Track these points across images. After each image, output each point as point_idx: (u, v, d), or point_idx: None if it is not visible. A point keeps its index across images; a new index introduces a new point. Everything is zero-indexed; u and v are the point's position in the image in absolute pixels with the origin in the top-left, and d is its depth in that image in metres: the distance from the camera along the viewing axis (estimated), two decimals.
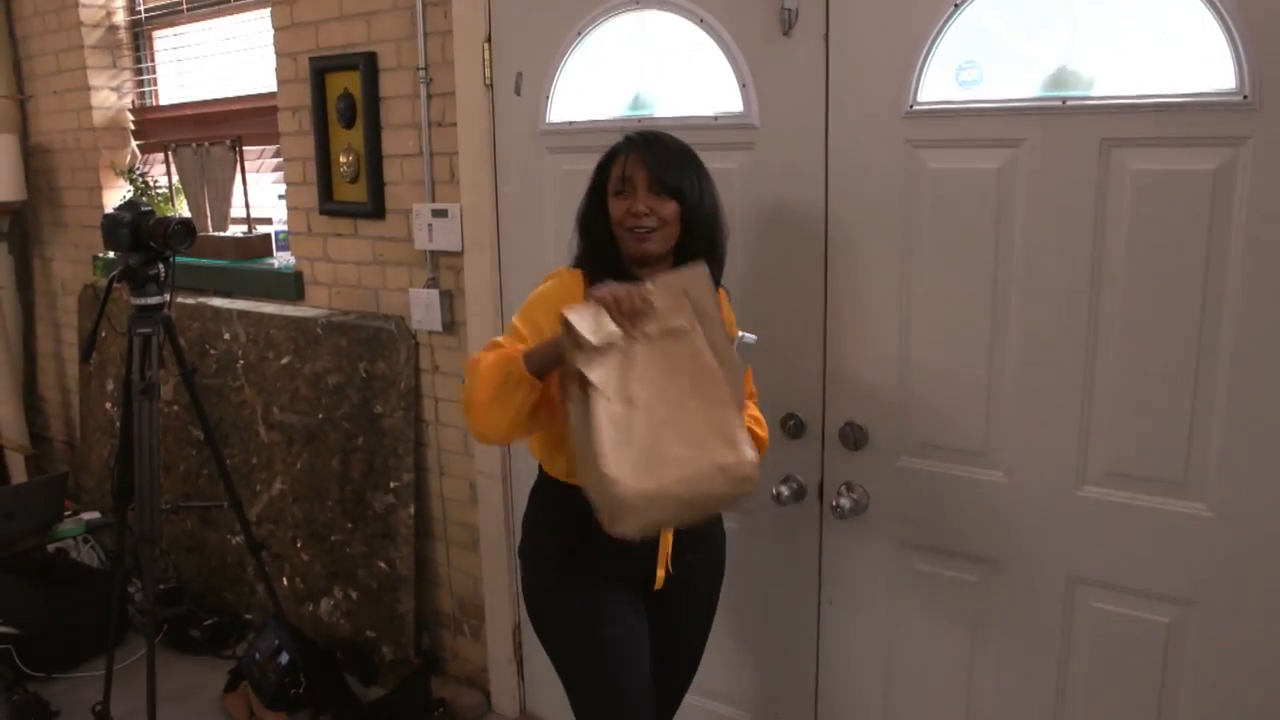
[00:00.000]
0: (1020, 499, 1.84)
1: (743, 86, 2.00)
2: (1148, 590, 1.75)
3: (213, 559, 3.41)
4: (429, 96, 2.55)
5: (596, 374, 1.41)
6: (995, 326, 1.81)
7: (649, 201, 1.61)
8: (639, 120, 2.17)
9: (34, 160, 4.00)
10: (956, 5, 1.73)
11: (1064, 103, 1.67)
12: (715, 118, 2.06)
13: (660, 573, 1.73)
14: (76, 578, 3.30)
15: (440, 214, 2.54)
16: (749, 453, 1.46)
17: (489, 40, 2.39)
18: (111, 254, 3.27)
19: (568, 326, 1.41)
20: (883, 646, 2.05)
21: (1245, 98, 1.53)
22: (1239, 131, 1.55)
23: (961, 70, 1.77)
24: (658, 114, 2.15)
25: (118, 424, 3.73)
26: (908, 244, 1.87)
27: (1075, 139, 1.67)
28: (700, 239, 1.66)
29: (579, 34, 2.22)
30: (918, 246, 1.86)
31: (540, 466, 1.78)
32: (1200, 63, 1.56)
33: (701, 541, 1.80)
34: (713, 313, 1.48)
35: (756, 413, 1.77)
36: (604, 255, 1.68)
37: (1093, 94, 1.65)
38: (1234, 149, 1.56)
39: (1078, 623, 1.83)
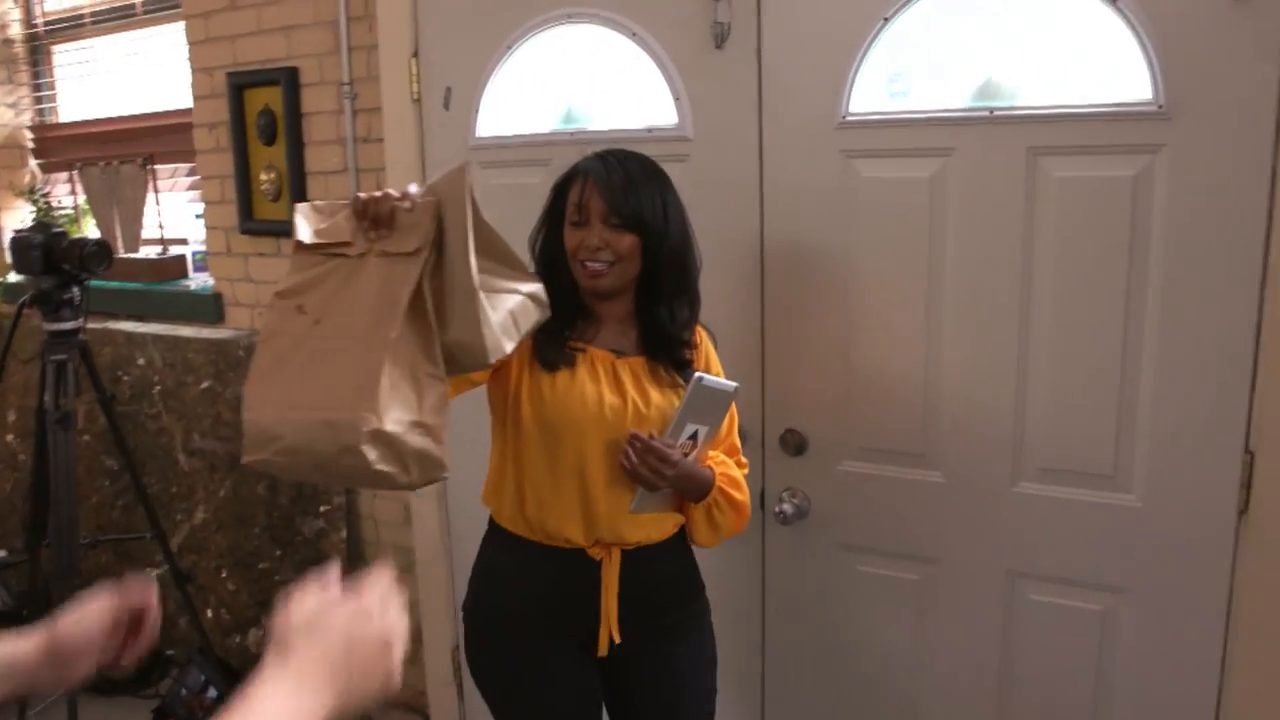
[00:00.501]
0: (959, 498, 1.89)
1: (676, 100, 2.02)
2: (1082, 580, 1.81)
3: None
4: (354, 112, 2.51)
5: (294, 278, 1.25)
6: (930, 331, 1.86)
7: (604, 235, 1.53)
8: (571, 134, 2.17)
9: None
10: (886, 19, 1.78)
11: (991, 113, 1.73)
12: (649, 130, 2.07)
13: (603, 635, 1.60)
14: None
15: None
16: (372, 419, 1.16)
17: (416, 55, 2.36)
18: (16, 277, 3.12)
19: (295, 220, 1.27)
20: (829, 648, 2.08)
21: (1160, 107, 1.61)
22: (1155, 139, 1.63)
23: (892, 81, 1.82)
24: (590, 127, 2.16)
25: (21, 456, 3.57)
26: (843, 252, 1.91)
27: (1003, 148, 1.74)
28: (666, 272, 1.58)
29: (509, 48, 2.21)
30: (853, 254, 1.90)
31: (490, 516, 1.70)
32: (1119, 74, 1.64)
33: (661, 612, 1.66)
34: (459, 239, 1.22)
35: (735, 472, 1.67)
36: (558, 284, 1.56)
37: (1018, 104, 1.72)
38: (1151, 156, 1.64)
39: (1017, 615, 1.88)
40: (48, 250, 2.26)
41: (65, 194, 3.55)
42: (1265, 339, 1.60)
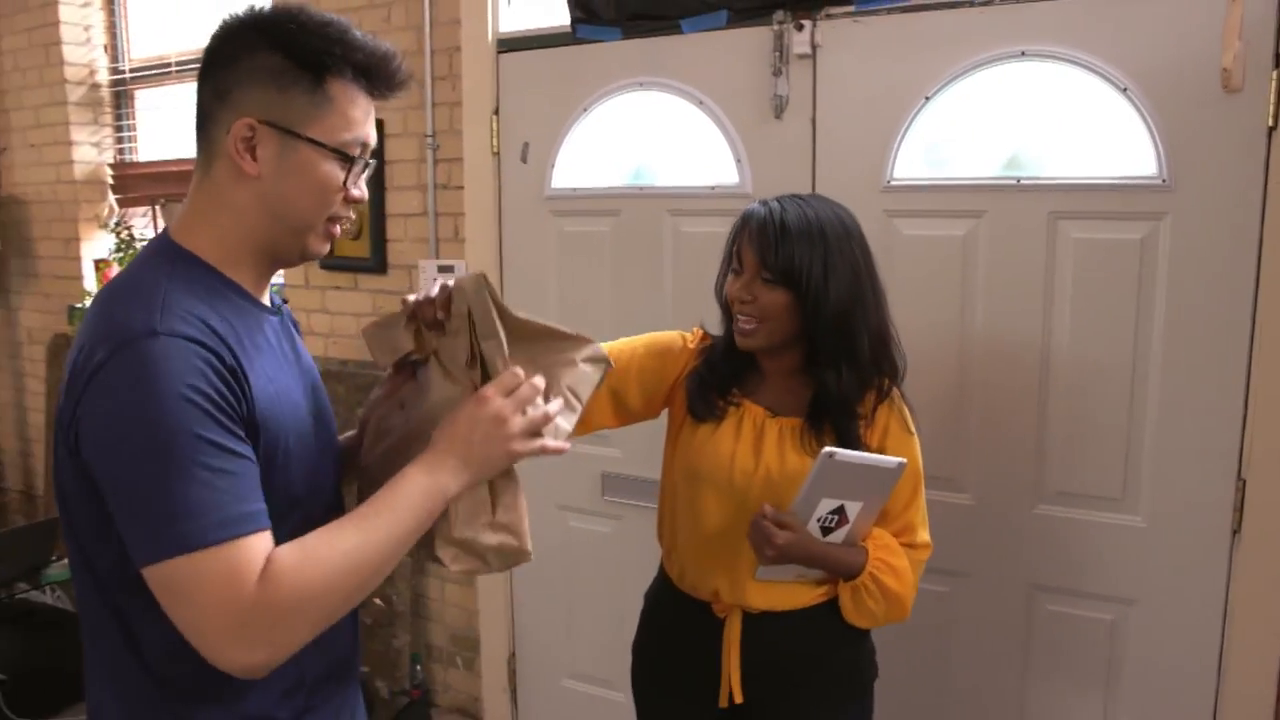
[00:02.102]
0: (986, 518, 2.13)
1: (738, 161, 2.29)
2: (1094, 593, 2.05)
3: None
4: (435, 161, 2.78)
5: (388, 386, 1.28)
6: (961, 370, 2.11)
7: (754, 288, 1.46)
8: (639, 189, 2.44)
9: (4, 212, 4.06)
10: (927, 97, 2.06)
11: (1018, 182, 2.00)
12: (712, 188, 2.33)
13: (723, 690, 1.56)
14: (60, 623, 3.33)
15: (446, 269, 2.75)
16: (444, 526, 1.14)
17: (496, 112, 2.63)
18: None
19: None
20: None
21: (1164, 181, 1.88)
22: (1159, 208, 1.90)
23: (931, 152, 2.09)
24: (657, 183, 2.42)
25: None
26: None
27: (1027, 212, 2.00)
28: (825, 335, 1.46)
29: (585, 109, 2.48)
30: (893, 300, 2.14)
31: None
32: (1128, 152, 1.91)
33: (791, 681, 1.56)
34: (494, 349, 1.15)
35: (897, 560, 1.51)
36: (729, 331, 1.55)
37: (1042, 175, 1.99)
38: (1155, 222, 1.91)
39: (1036, 624, 2.12)
40: None
41: (142, 226, 3.81)
42: (1255, 381, 1.86)
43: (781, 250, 1.43)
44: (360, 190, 1.11)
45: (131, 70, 3.80)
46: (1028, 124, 2.00)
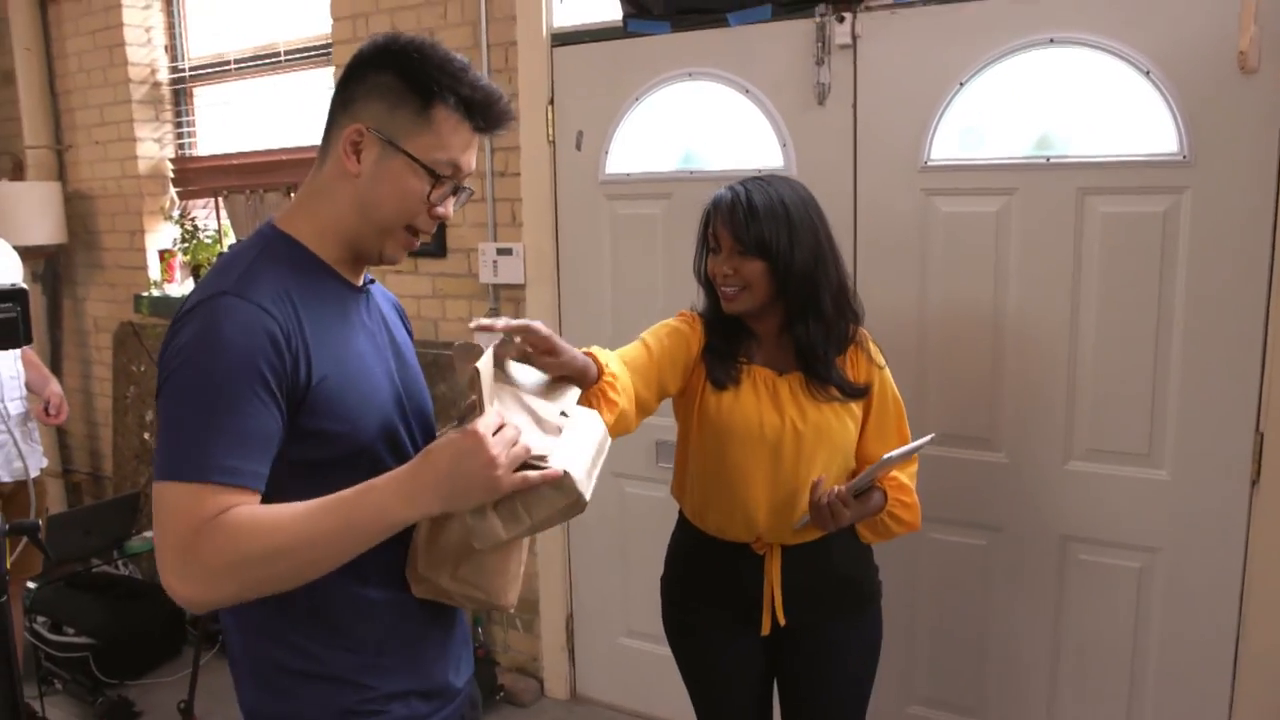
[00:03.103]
0: (1020, 475, 2.29)
1: (783, 145, 2.45)
2: (1122, 542, 2.21)
3: None
4: (493, 150, 2.95)
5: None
6: (995, 336, 2.26)
7: (732, 262, 1.66)
8: (689, 173, 2.60)
9: (71, 206, 4.26)
10: (961, 83, 2.21)
11: (1048, 160, 2.15)
12: (758, 171, 2.49)
13: (766, 618, 1.76)
14: (140, 593, 3.54)
15: (505, 252, 2.93)
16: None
17: (552, 103, 2.80)
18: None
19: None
20: (907, 605, 2.47)
21: (1184, 157, 2.03)
22: (1180, 183, 2.05)
23: (965, 134, 2.24)
24: (705, 167, 2.58)
25: None
26: (923, 273, 2.32)
27: (1057, 188, 2.15)
28: (796, 294, 1.67)
29: (636, 98, 2.65)
30: (930, 272, 2.32)
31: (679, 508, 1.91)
32: (1151, 131, 2.06)
33: (826, 598, 1.79)
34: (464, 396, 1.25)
35: (905, 480, 1.76)
36: (715, 305, 1.75)
37: (1070, 154, 2.13)
38: (1177, 196, 2.05)
39: (1068, 572, 2.28)
40: None
41: (204, 218, 4.00)
42: (1271, 340, 2.01)
43: (752, 226, 1.64)
44: (446, 209, 1.24)
45: (190, 69, 3.99)
46: (1056, 106, 2.14)
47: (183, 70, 4.01)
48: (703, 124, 2.59)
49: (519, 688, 3.13)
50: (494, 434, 1.07)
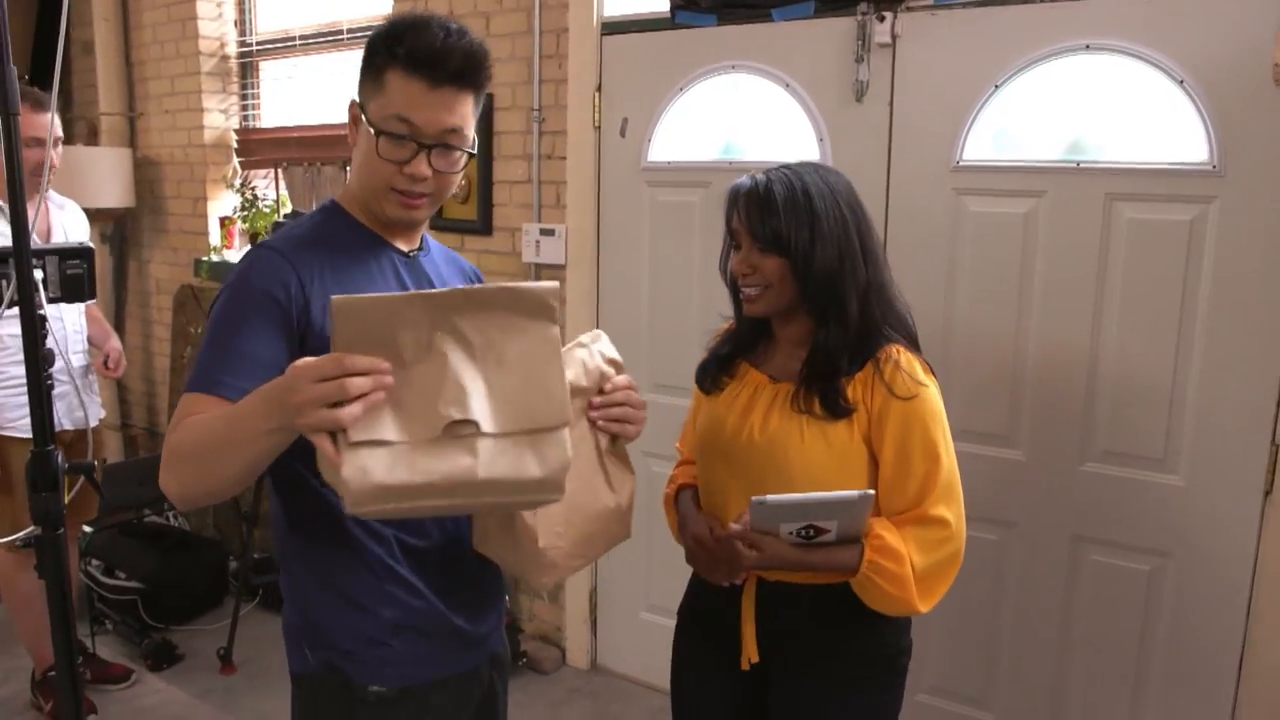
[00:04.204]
0: (1035, 473, 2.33)
1: (820, 140, 2.51)
2: (1134, 545, 2.24)
3: None
4: (540, 134, 3.04)
5: None
6: (1018, 335, 2.30)
7: (751, 259, 1.49)
8: (729, 163, 2.67)
9: (139, 171, 4.44)
10: (996, 86, 2.25)
11: (1078, 165, 2.18)
12: None
13: (743, 654, 1.57)
14: (187, 543, 3.72)
15: (548, 233, 3.02)
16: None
17: (599, 89, 2.88)
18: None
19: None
20: None
21: (1214, 167, 2.05)
22: (1209, 192, 2.07)
23: (998, 136, 2.28)
24: (744, 158, 2.65)
25: None
26: (950, 271, 2.37)
27: (1085, 193, 2.18)
28: (816, 295, 1.48)
29: (681, 89, 2.72)
30: (959, 273, 2.36)
31: None
32: (1182, 139, 2.08)
33: (807, 650, 1.55)
34: None
35: (893, 542, 1.45)
36: (739, 306, 1.59)
37: (1100, 159, 2.16)
38: (1205, 205, 2.08)
39: (1079, 572, 2.31)
40: None
41: (264, 187, 4.16)
42: None
43: (769, 219, 1.46)
44: (416, 167, 1.27)
45: (258, 44, 4.13)
46: (1089, 111, 2.17)
47: (250, 45, 4.16)
48: (743, 116, 2.65)
49: (541, 655, 3.24)
50: (319, 378, 0.99)
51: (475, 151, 1.35)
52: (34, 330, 1.46)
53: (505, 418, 1.08)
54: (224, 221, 4.17)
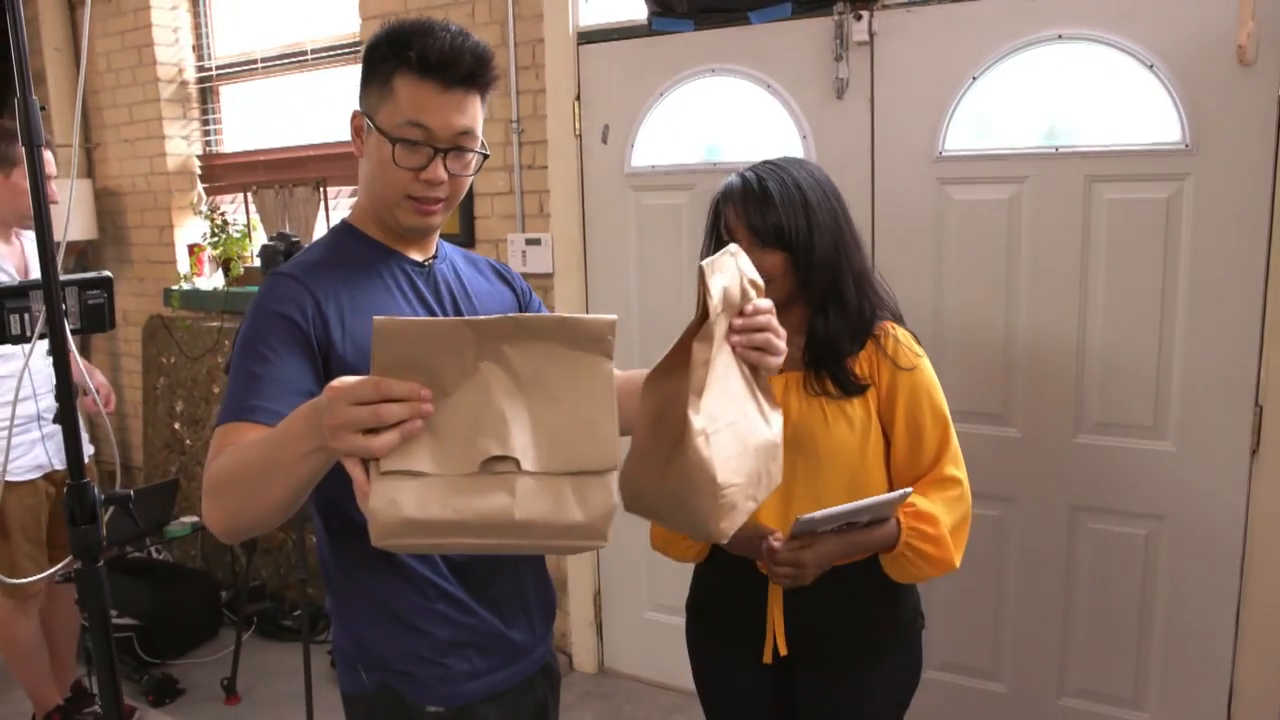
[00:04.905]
0: (1031, 448, 2.41)
1: (803, 138, 2.57)
2: (1129, 510, 2.33)
3: (292, 557, 3.81)
4: (520, 145, 3.06)
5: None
6: (1008, 316, 2.39)
7: (751, 256, 1.38)
8: (713, 164, 2.72)
9: (100, 202, 4.37)
10: (974, 77, 2.33)
11: (1056, 150, 2.27)
12: None
13: (768, 645, 1.59)
14: (179, 576, 3.67)
15: (534, 242, 3.05)
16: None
17: (578, 98, 2.92)
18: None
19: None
20: None
21: (1186, 146, 2.15)
22: (1183, 170, 2.17)
23: (978, 125, 2.36)
24: (728, 159, 2.70)
25: (188, 441, 4.13)
26: (938, 258, 2.44)
27: (1065, 176, 2.27)
28: (817, 284, 1.52)
29: (661, 94, 2.76)
30: (946, 259, 2.44)
31: None
32: (1154, 121, 2.18)
33: (833, 636, 1.58)
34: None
35: (928, 507, 1.52)
36: None
37: (1078, 143, 2.25)
38: (1180, 182, 2.17)
39: (1077, 540, 2.40)
40: (288, 255, 2.80)
41: (232, 212, 4.12)
42: (1269, 318, 2.13)
43: (768, 214, 1.49)
44: (432, 172, 1.26)
45: (218, 68, 4.10)
46: (1064, 98, 2.26)
47: (210, 69, 4.12)
48: (725, 118, 2.71)
49: None
50: (355, 401, 0.93)
51: (489, 153, 1.35)
52: (65, 364, 1.46)
53: (548, 456, 1.00)
54: (193, 249, 4.13)
